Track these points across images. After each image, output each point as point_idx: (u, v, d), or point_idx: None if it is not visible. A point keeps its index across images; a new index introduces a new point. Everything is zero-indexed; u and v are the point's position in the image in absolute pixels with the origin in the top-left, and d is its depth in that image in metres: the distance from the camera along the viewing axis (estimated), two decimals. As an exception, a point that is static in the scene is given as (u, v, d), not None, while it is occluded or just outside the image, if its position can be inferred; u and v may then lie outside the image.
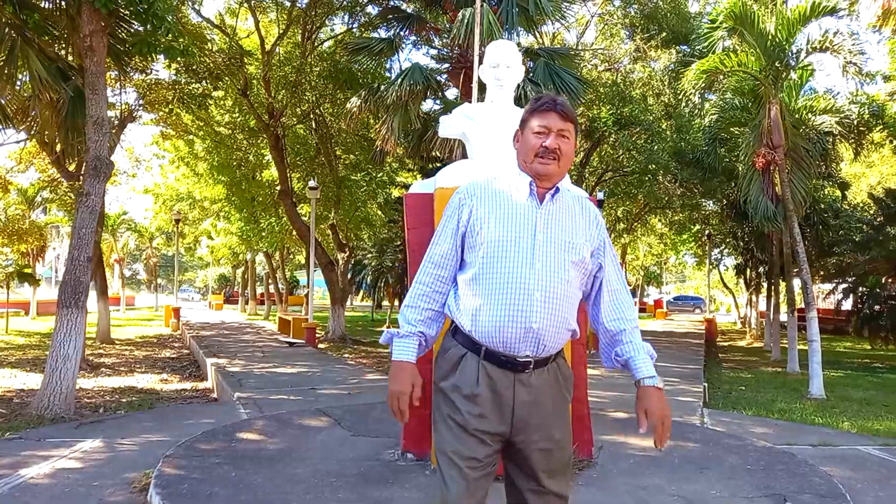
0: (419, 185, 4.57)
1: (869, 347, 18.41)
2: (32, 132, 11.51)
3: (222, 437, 4.78)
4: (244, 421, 5.67)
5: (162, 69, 13.38)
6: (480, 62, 7.02)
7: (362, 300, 38.49)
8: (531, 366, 1.90)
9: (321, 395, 7.63)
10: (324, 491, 3.68)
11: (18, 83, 9.25)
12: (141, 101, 13.53)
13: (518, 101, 8.71)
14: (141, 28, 8.24)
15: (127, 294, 40.69)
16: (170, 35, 8.18)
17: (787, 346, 13.81)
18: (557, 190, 2.00)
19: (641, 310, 43.57)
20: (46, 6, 8.45)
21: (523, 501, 1.97)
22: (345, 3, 15.22)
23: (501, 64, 4.27)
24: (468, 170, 4.24)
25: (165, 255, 49.82)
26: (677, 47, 16.52)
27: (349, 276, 22.72)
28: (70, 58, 9.69)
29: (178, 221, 26.09)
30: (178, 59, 9.85)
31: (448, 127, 4.45)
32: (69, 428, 5.70)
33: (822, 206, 16.76)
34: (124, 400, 8.06)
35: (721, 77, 11.89)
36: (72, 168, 12.48)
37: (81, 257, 7.37)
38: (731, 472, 4.29)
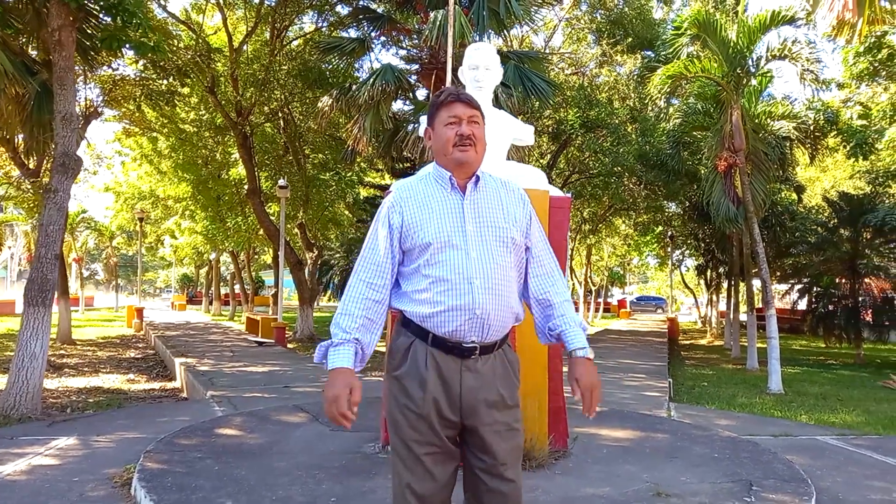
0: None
1: (823, 345, 19.03)
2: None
3: (201, 433, 4.79)
4: (221, 417, 5.67)
5: (127, 65, 13.20)
6: (453, 63, 7.14)
7: (329, 301, 38.29)
8: (477, 352, 1.96)
9: (295, 392, 7.65)
10: (307, 482, 3.74)
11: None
12: (104, 98, 13.28)
13: (492, 103, 8.85)
14: (111, 23, 8.14)
15: (86, 294, 39.69)
16: (140, 30, 8.08)
17: (746, 344, 14.24)
18: (478, 178, 2.05)
19: (606, 310, 44.30)
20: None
21: (476, 481, 2.00)
22: (314, 1, 15.16)
23: (481, 66, 4.38)
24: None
25: (126, 255, 48.75)
26: (642, 53, 16.90)
27: (317, 276, 22.60)
28: (35, 53, 9.50)
29: (140, 220, 25.54)
30: (148, 55, 9.71)
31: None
32: (41, 426, 5.63)
33: (780, 208, 17.33)
34: (91, 400, 7.95)
35: (685, 82, 12.24)
36: (32, 165, 12.21)
37: (49, 255, 7.26)
38: (700, 460, 4.48)
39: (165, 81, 12.83)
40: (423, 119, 4.68)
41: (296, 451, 4.40)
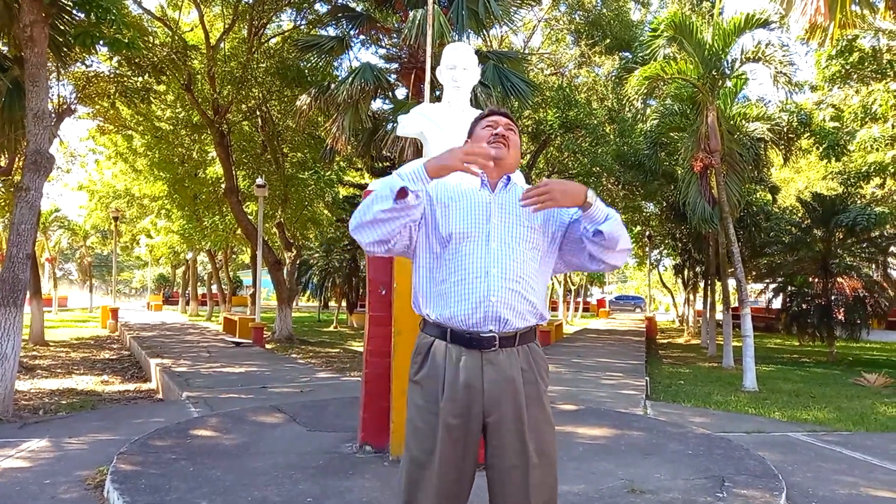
0: (378, 184, 4.63)
1: (797, 343, 19.38)
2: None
3: (176, 434, 4.74)
4: (197, 418, 5.61)
5: (101, 62, 13.00)
6: (432, 63, 7.14)
7: (308, 301, 38.06)
8: (496, 342, 1.95)
9: (273, 393, 7.59)
10: (284, 483, 3.72)
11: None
12: (77, 95, 13.07)
13: (470, 103, 8.85)
14: (84, 19, 8.02)
15: (60, 294, 39.05)
16: (114, 27, 7.98)
17: (722, 342, 14.43)
18: (510, 179, 2.10)
19: (585, 309, 44.63)
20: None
21: (504, 479, 1.94)
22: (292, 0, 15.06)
23: (458, 66, 4.38)
24: (426, 168, 4.33)
25: (100, 255, 48.02)
26: (620, 54, 17.05)
27: (295, 276, 22.45)
28: (6, 49, 9.33)
29: (116, 220, 25.17)
30: (123, 52, 9.59)
31: (406, 126, 4.54)
32: (12, 428, 5.53)
33: (755, 208, 17.57)
34: (64, 401, 7.84)
35: (662, 84, 12.37)
36: (3, 163, 11.97)
37: (20, 254, 7.14)
38: (674, 457, 4.53)
39: (140, 79, 12.66)
40: (402, 118, 4.69)
41: (273, 452, 4.38)
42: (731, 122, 12.44)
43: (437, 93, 6.34)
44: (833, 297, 15.79)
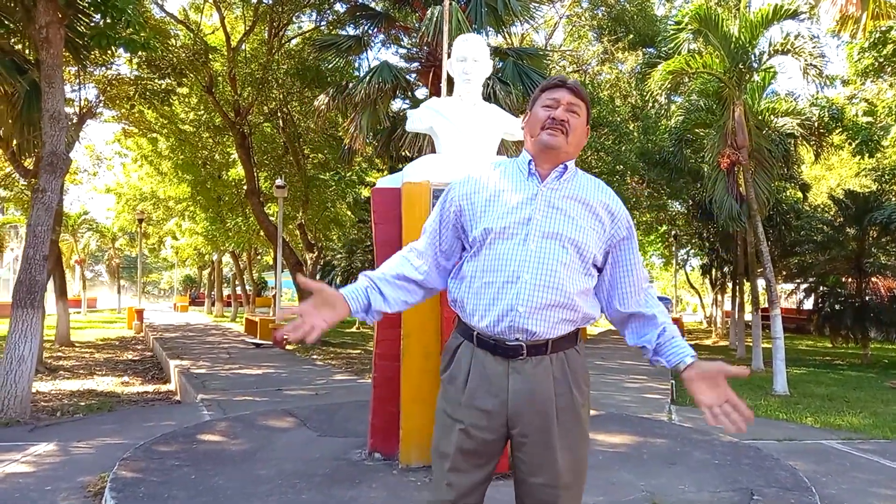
0: (386, 181, 4.48)
1: (830, 345, 18.84)
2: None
3: (182, 439, 4.63)
4: (206, 422, 5.50)
5: (124, 64, 13.10)
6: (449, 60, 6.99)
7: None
8: (523, 351, 1.77)
9: (287, 395, 7.49)
10: (287, 492, 3.57)
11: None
12: (101, 98, 13.18)
13: (486, 100, 8.68)
14: (100, 20, 8.02)
15: (89, 296, 39.67)
16: (130, 28, 7.96)
17: (751, 344, 14.04)
18: (566, 168, 1.85)
19: (609, 310, 43.96)
20: (0, -3, 8.17)
21: (532, 496, 1.80)
22: (313, 0, 15.03)
23: (469, 58, 4.21)
24: (436, 164, 4.18)
25: (129, 256, 48.72)
26: (644, 49, 16.72)
27: (318, 277, 22.42)
28: (28, 52, 9.39)
29: (141, 221, 25.49)
30: (139, 52, 9.58)
31: (416, 121, 4.38)
32: (23, 431, 5.48)
33: (785, 206, 17.12)
34: (83, 403, 7.82)
35: (686, 79, 12.06)
36: (28, 165, 12.09)
37: (37, 256, 7.14)
38: (699, 467, 4.30)
39: (162, 81, 12.72)
40: (411, 112, 4.53)
41: (279, 458, 4.24)
42: (759, 118, 12.08)
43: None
44: (867, 298, 15.31)
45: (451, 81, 4.96)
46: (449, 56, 6.77)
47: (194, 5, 17.02)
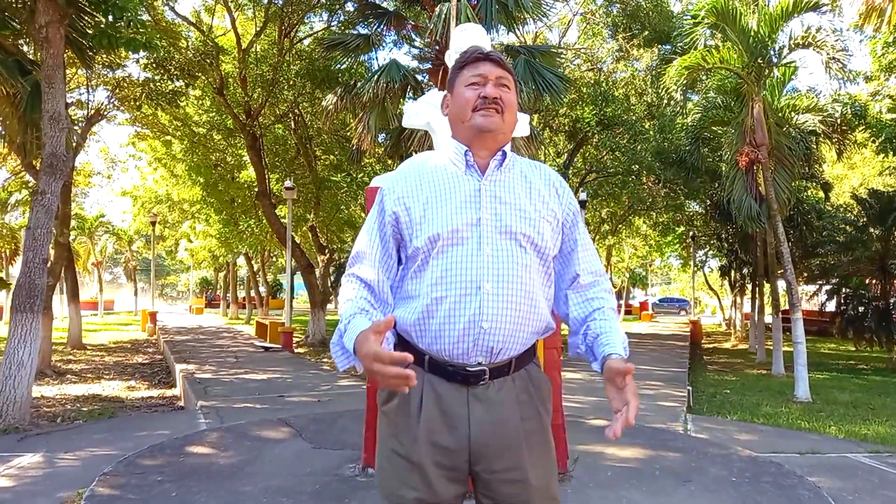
0: (381, 179, 4.26)
1: (853, 349, 18.35)
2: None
3: (169, 452, 4.44)
4: (198, 433, 5.31)
5: (133, 66, 13.05)
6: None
7: (345, 304, 38.00)
8: (486, 376, 1.53)
9: (288, 402, 7.28)
10: (272, 511, 3.36)
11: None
12: (114, 100, 13.14)
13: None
14: (102, 19, 7.91)
15: (109, 298, 39.97)
16: (131, 27, 7.84)
17: (771, 347, 13.65)
18: (504, 155, 1.62)
19: (627, 312, 43.51)
20: (4, -2, 8.08)
21: None
22: (323, 0, 14.90)
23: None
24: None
25: (146, 259, 49.06)
26: (659, 46, 16.38)
27: (331, 278, 22.30)
28: (35, 53, 9.33)
29: (154, 224, 25.59)
30: (144, 53, 9.48)
31: (412, 116, 4.16)
32: (11, 441, 5.32)
33: (806, 206, 16.67)
34: (85, 409, 7.69)
35: (703, 75, 11.72)
36: (38, 165, 12.07)
37: (36, 259, 7.02)
38: (715, 485, 4.01)
39: (170, 82, 12.64)
40: (407, 107, 4.30)
41: (268, 473, 4.03)
42: (779, 115, 11.69)
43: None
44: (892, 300, 14.86)
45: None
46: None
47: (206, 7, 16.99)
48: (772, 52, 10.28)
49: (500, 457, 1.53)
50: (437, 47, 11.45)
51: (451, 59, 4.14)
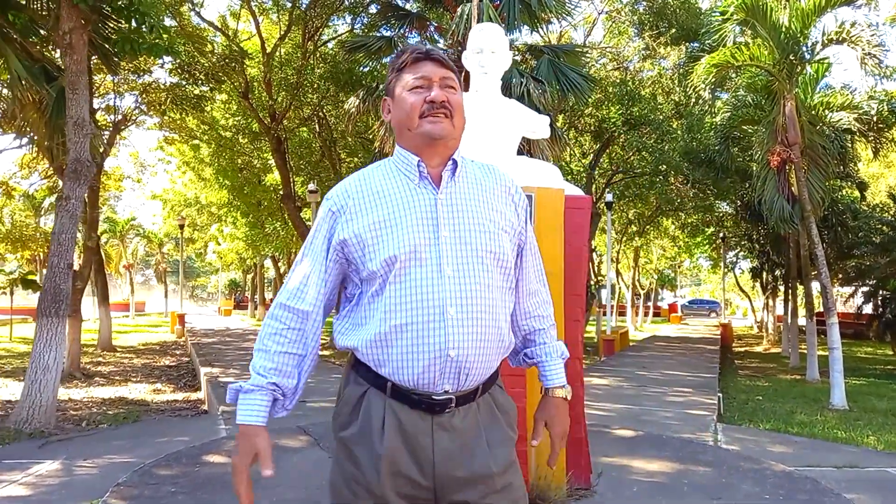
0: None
1: (891, 353, 17.80)
2: (27, 136, 11.30)
3: (186, 461, 4.39)
4: (215, 441, 5.26)
5: (159, 71, 13.23)
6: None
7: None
8: (452, 404, 1.45)
9: (309, 409, 7.22)
10: (285, 526, 3.28)
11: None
12: (142, 105, 13.32)
13: (519, 99, 8.28)
14: (125, 25, 7.97)
15: (138, 299, 40.61)
16: (154, 32, 7.89)
17: (805, 351, 13.27)
18: (456, 164, 1.52)
19: (655, 314, 42.88)
20: (27, 3, 8.18)
21: None
22: (346, 3, 14.92)
23: (485, 49, 3.86)
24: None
25: (176, 261, 49.81)
26: (687, 44, 16.07)
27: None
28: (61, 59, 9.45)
29: (182, 227, 25.93)
30: (163, 57, 9.54)
31: (429, 120, 4.05)
32: (32, 447, 5.34)
33: (841, 206, 16.22)
34: (111, 412, 7.74)
35: (732, 72, 11.43)
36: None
37: (61, 264, 7.07)
38: (747, 502, 3.83)
39: (195, 87, 12.76)
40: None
41: (281, 485, 3.95)
42: (812, 112, 11.34)
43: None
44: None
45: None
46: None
47: (232, 12, 17.16)
48: (804, 49, 9.98)
49: (467, 487, 1.45)
50: (460, 49, 11.33)
51: (467, 60, 4.02)
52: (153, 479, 3.97)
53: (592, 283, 24.25)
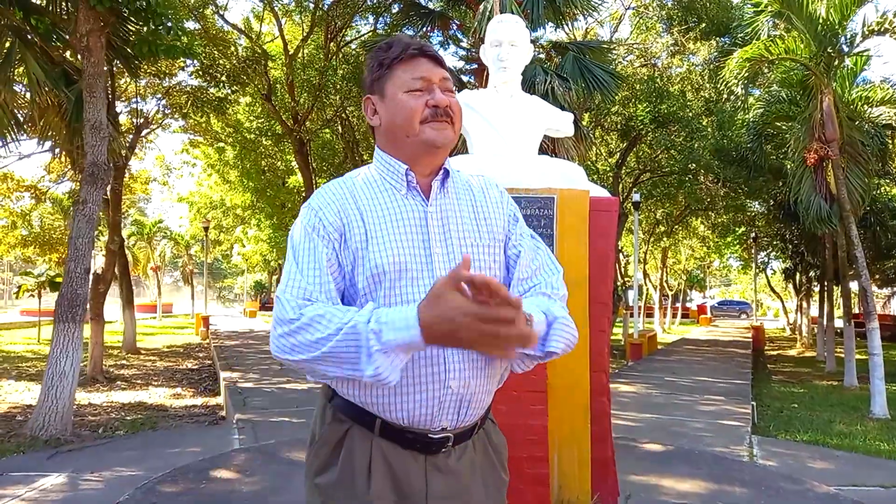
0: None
1: (932, 357, 17.12)
2: (49, 140, 11.35)
3: (193, 476, 4.22)
4: (225, 454, 5.09)
5: (182, 73, 13.20)
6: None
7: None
8: (449, 443, 1.29)
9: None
10: (290, 552, 3.08)
11: (21, 87, 9.05)
12: (167, 109, 13.33)
13: (543, 97, 8.00)
14: (143, 27, 7.91)
15: (165, 301, 41.04)
16: (172, 35, 7.82)
17: (842, 355, 12.77)
18: (447, 173, 1.38)
19: (684, 315, 42.08)
20: (49, 7, 8.16)
21: None
22: (369, 3, 14.80)
23: (504, 42, 3.62)
24: (467, 166, 3.60)
25: (203, 263, 50.35)
26: (718, 39, 15.62)
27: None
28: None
29: (206, 229, 26.13)
30: (181, 58, 9.50)
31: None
32: (41, 458, 5.22)
33: (880, 205, 15.63)
34: (129, 418, 7.66)
35: (766, 67, 11.02)
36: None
37: (79, 269, 7.01)
38: (789, 529, 3.54)
39: (217, 89, 12.73)
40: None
41: (293, 503, 3.76)
42: (851, 108, 10.89)
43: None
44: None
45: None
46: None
47: (256, 14, 17.18)
48: (842, 41, 9.55)
49: None
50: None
51: (485, 54, 3.79)
52: (157, 496, 3.81)
53: (619, 284, 23.83)
